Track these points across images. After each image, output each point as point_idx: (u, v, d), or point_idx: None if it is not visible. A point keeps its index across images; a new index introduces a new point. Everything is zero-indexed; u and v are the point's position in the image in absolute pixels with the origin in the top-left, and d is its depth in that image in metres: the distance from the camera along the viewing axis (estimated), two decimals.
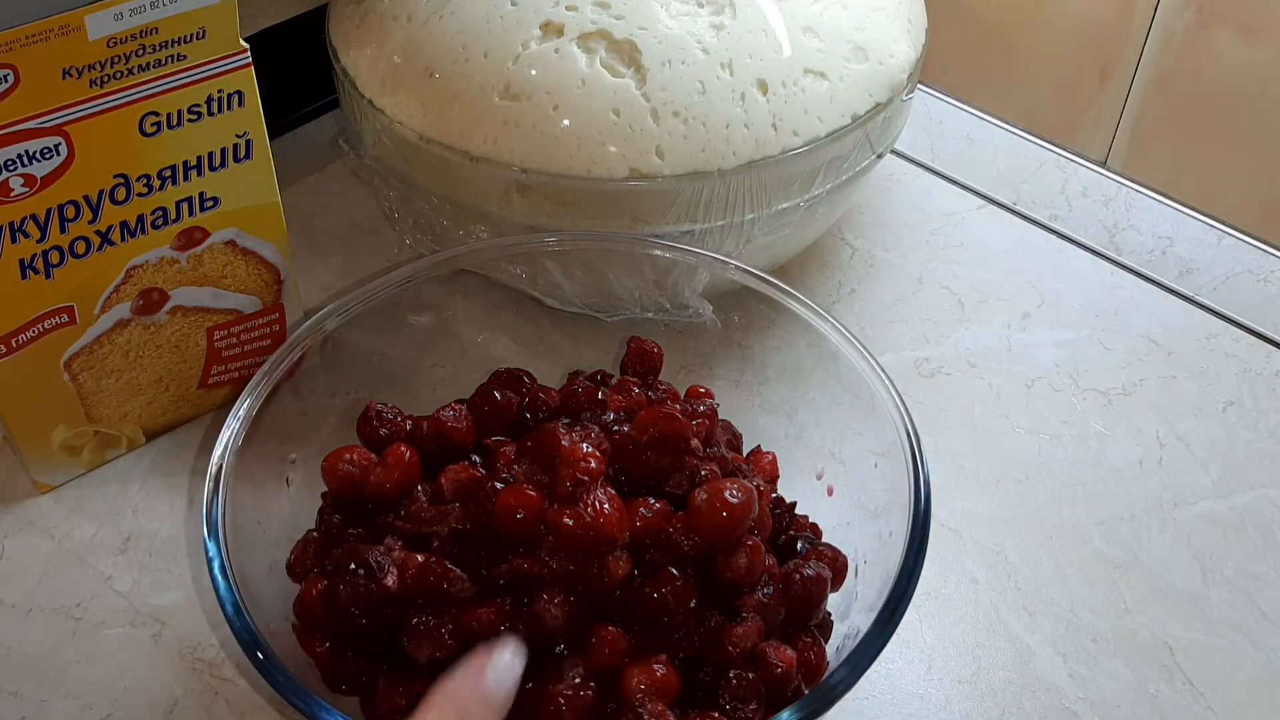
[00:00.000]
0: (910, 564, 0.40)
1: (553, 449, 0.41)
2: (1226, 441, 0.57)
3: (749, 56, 0.53)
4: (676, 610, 0.39)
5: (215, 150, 0.48)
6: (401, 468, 0.43)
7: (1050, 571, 0.51)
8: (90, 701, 0.46)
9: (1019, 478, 0.55)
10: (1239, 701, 0.47)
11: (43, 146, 0.43)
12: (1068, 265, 0.66)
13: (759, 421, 0.51)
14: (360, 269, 0.63)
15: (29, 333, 0.47)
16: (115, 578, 0.50)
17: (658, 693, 0.38)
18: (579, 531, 0.38)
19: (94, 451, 0.53)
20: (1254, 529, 0.53)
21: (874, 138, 0.56)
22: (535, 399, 0.46)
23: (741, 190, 0.52)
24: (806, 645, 0.42)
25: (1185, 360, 0.60)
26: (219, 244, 0.50)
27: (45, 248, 0.46)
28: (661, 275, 0.52)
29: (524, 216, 0.53)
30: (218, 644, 0.48)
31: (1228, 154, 0.65)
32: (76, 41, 0.42)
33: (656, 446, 0.41)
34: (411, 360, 0.51)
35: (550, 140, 0.51)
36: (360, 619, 0.40)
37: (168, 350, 0.52)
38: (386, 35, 0.55)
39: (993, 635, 0.49)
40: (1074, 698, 0.47)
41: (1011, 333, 0.62)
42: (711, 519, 0.40)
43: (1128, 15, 0.65)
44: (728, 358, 0.53)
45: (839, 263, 0.65)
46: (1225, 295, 0.63)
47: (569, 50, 0.52)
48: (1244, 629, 0.49)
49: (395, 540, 0.42)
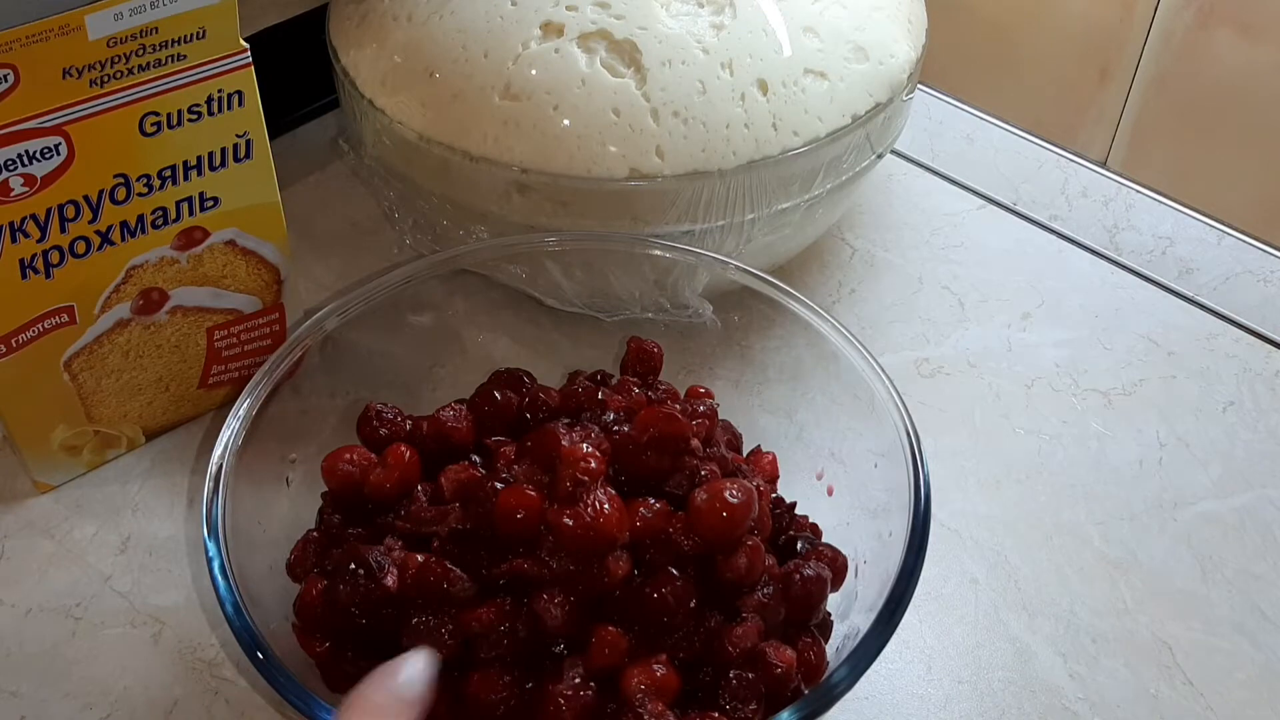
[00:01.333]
0: (910, 564, 0.40)
1: (553, 449, 0.41)
2: (1226, 441, 0.57)
3: (749, 56, 0.53)
4: (676, 610, 0.39)
5: (215, 150, 0.48)
6: (401, 468, 0.44)
7: (1050, 571, 0.51)
8: (90, 701, 0.46)
9: (1019, 478, 0.55)
10: (1239, 701, 0.47)
11: (43, 146, 0.43)
12: (1068, 265, 0.66)
13: (759, 421, 0.51)
14: (360, 269, 0.63)
15: (29, 332, 0.47)
16: (115, 577, 0.50)
17: (658, 693, 0.38)
18: (579, 531, 0.38)
19: (94, 451, 0.53)
20: (1254, 529, 0.53)
21: (874, 138, 0.56)
22: (535, 399, 0.46)
23: (741, 190, 0.52)
24: (806, 645, 0.42)
25: (1185, 360, 0.60)
26: (219, 244, 0.50)
27: (45, 247, 0.46)
28: (661, 275, 0.52)
29: (524, 216, 0.53)
30: (218, 644, 0.48)
31: (1228, 154, 0.65)
32: (76, 41, 0.42)
33: (656, 446, 0.41)
34: (411, 360, 0.51)
35: (550, 140, 0.51)
36: (360, 619, 0.40)
37: (168, 350, 0.52)
38: (387, 35, 0.55)
39: (993, 635, 0.49)
40: (1074, 698, 0.47)
41: (1011, 333, 0.62)
42: (711, 519, 0.40)
43: (1128, 15, 0.65)
44: (728, 358, 0.53)
45: (839, 263, 0.65)
46: (1225, 295, 0.63)
47: (569, 50, 0.52)
48: (1244, 629, 0.49)
49: (395, 540, 0.42)
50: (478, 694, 0.39)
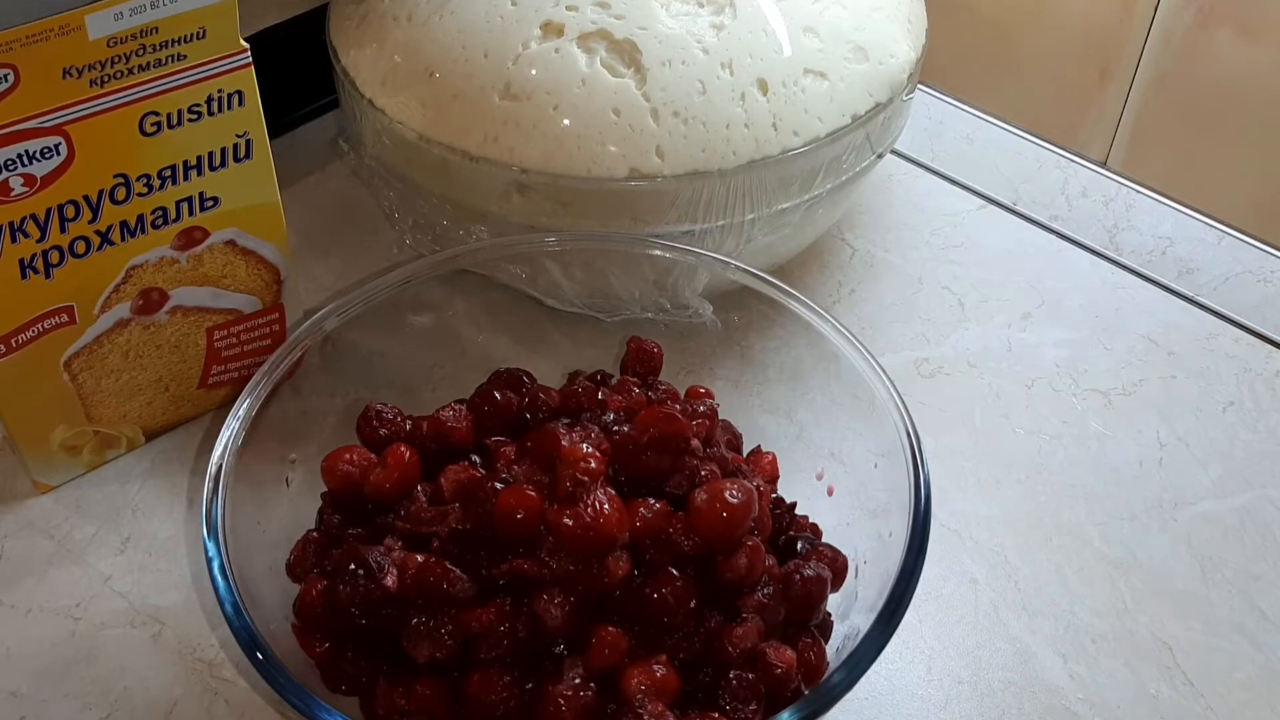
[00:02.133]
0: (910, 564, 0.40)
1: (553, 449, 0.41)
2: (1226, 442, 0.56)
3: (749, 56, 0.53)
4: (676, 610, 0.39)
5: (215, 150, 0.48)
6: (401, 468, 0.43)
7: (1050, 571, 0.51)
8: (90, 701, 0.46)
9: (1019, 478, 0.55)
10: (1239, 701, 0.47)
11: (43, 146, 0.43)
12: (1068, 265, 0.66)
13: (759, 421, 0.51)
14: (360, 269, 0.63)
15: (29, 332, 0.47)
16: (115, 578, 0.50)
17: (658, 693, 0.38)
18: (579, 532, 0.38)
19: (94, 451, 0.53)
20: (1254, 529, 0.53)
21: (874, 138, 0.56)
22: (535, 399, 0.46)
23: (741, 190, 0.52)
24: (806, 645, 0.42)
25: (1185, 360, 0.60)
26: (219, 244, 0.50)
27: (45, 247, 0.45)
28: (661, 275, 0.52)
29: (524, 216, 0.53)
30: (217, 644, 0.48)
31: (1228, 154, 0.65)
32: (76, 41, 0.42)
33: (656, 446, 0.41)
34: (411, 360, 0.51)
35: (550, 140, 0.51)
36: (360, 619, 0.40)
37: (167, 350, 0.52)
38: (386, 35, 0.55)
39: (993, 635, 0.49)
40: (1074, 698, 0.47)
41: (1011, 333, 0.62)
42: (711, 519, 0.40)
43: (1128, 15, 0.65)
44: (728, 358, 0.53)
45: (839, 263, 0.65)
46: (1225, 295, 0.63)
47: (569, 50, 0.52)
48: (1244, 629, 0.49)
49: (395, 540, 0.42)
50: (478, 694, 0.39)
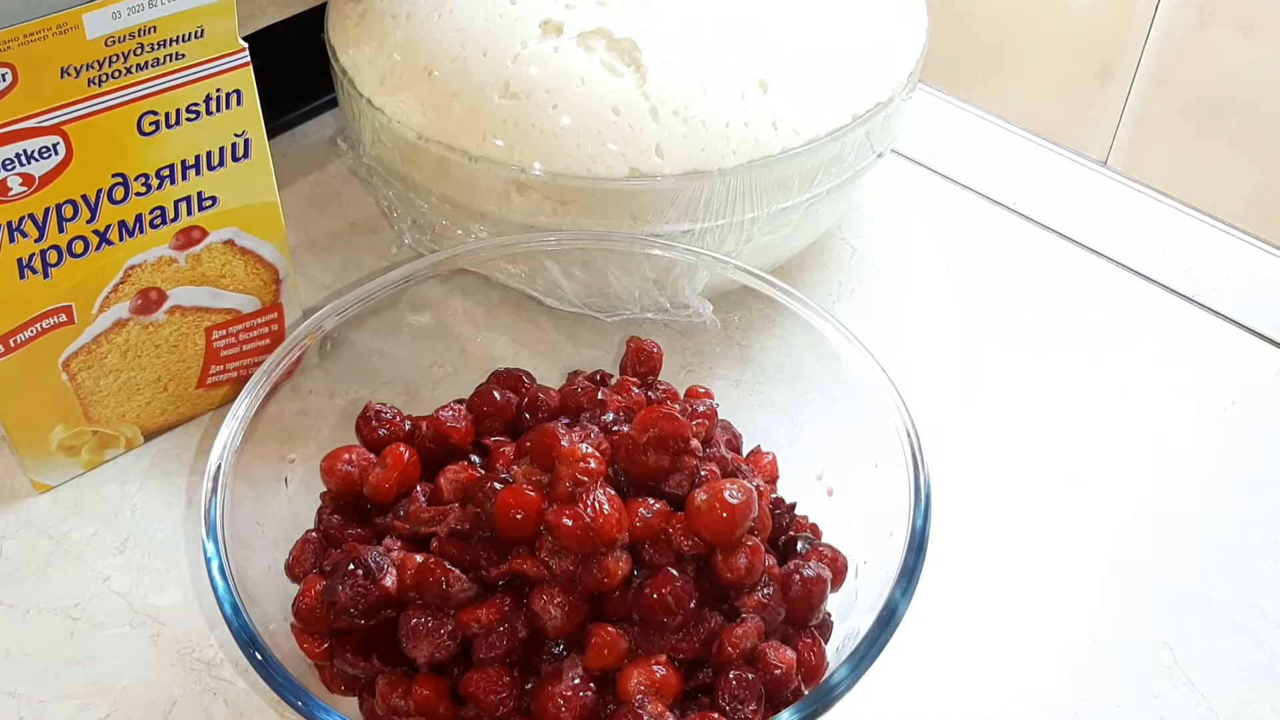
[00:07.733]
0: (910, 564, 0.40)
1: (552, 449, 0.41)
2: (1227, 441, 0.56)
3: (749, 55, 0.53)
4: (676, 610, 0.39)
5: (214, 149, 0.48)
6: (400, 468, 0.43)
7: (1050, 571, 0.51)
8: (89, 702, 0.46)
9: (1019, 477, 0.55)
10: (1239, 701, 0.47)
11: (41, 145, 0.43)
12: (1068, 265, 0.65)
13: (759, 421, 0.51)
14: (359, 269, 0.63)
15: (27, 332, 0.47)
16: (113, 578, 0.50)
17: (658, 693, 0.38)
18: (578, 532, 0.38)
19: (92, 451, 0.53)
20: (1254, 529, 0.53)
21: (874, 137, 0.56)
22: (535, 399, 0.46)
23: (741, 189, 0.52)
24: (806, 645, 0.42)
25: (1186, 361, 0.60)
26: (217, 243, 0.50)
27: (43, 247, 0.45)
28: (661, 275, 0.51)
29: (523, 215, 0.53)
30: (216, 644, 0.48)
31: (1228, 153, 0.65)
32: (75, 40, 0.42)
33: (656, 446, 0.41)
34: (411, 360, 0.51)
35: (550, 139, 0.51)
36: (359, 619, 0.40)
37: (166, 350, 0.52)
38: (385, 34, 0.55)
39: (993, 635, 0.49)
40: (1074, 697, 0.47)
41: (1012, 332, 0.61)
42: (711, 519, 0.40)
43: (1128, 15, 0.65)
44: (728, 358, 0.53)
45: (839, 263, 0.65)
46: (1225, 295, 0.63)
47: (568, 48, 0.52)
48: (1244, 629, 0.49)
49: (394, 540, 0.42)
50: (478, 694, 0.39)
